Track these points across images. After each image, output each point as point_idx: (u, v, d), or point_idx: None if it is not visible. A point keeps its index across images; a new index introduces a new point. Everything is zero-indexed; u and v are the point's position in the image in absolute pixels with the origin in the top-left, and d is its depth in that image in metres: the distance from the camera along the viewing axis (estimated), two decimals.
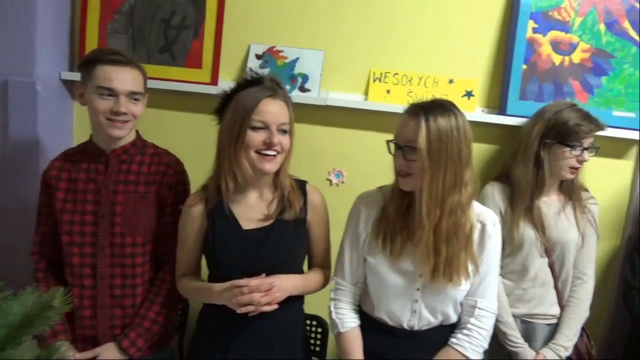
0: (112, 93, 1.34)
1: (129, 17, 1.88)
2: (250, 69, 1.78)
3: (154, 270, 1.46)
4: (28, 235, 1.83)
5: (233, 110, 1.27)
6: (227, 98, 1.31)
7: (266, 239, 1.29)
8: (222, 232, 1.30)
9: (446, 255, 1.22)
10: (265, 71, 1.85)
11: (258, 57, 1.89)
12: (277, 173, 1.32)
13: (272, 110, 1.25)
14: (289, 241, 1.32)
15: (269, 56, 1.88)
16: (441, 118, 1.19)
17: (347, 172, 1.94)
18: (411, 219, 1.26)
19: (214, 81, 1.88)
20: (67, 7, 1.90)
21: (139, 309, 1.42)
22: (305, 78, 1.85)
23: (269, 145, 1.24)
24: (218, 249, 1.30)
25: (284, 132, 1.28)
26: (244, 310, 1.22)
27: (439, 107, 1.22)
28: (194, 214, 1.32)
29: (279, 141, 1.25)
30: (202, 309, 1.41)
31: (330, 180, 1.93)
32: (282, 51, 1.88)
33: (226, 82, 1.89)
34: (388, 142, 1.28)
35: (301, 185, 1.37)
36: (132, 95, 1.37)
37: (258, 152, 1.25)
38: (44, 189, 1.44)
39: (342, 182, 1.94)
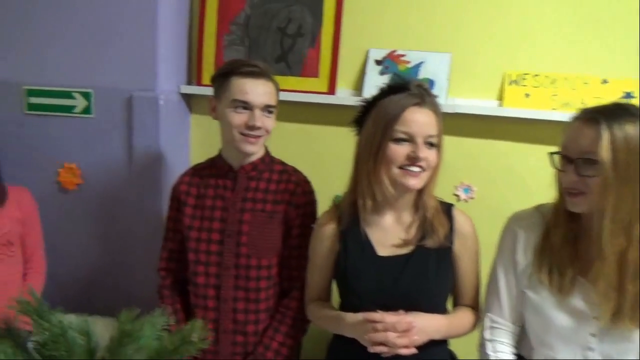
0: (247, 106, 1.27)
1: (244, 28, 1.84)
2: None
3: (278, 296, 1.37)
4: (151, 249, 1.85)
5: (374, 120, 1.14)
6: (368, 107, 1.18)
7: (404, 268, 1.14)
8: (354, 256, 1.17)
9: (634, 294, 0.99)
10: (386, 78, 1.72)
11: (378, 62, 1.76)
12: (420, 192, 1.16)
13: (419, 120, 1.10)
14: (431, 273, 1.15)
15: (390, 61, 1.75)
16: (629, 125, 0.97)
17: (477, 186, 1.74)
18: (584, 247, 1.05)
19: (331, 90, 1.77)
20: (185, 22, 1.90)
21: (261, 337, 1.33)
22: (430, 84, 1.69)
23: (413, 160, 1.09)
24: (350, 276, 1.17)
25: (432, 145, 1.12)
26: (376, 349, 1.08)
27: (623, 111, 1.00)
28: (326, 233, 1.21)
29: (425, 156, 1.10)
30: (332, 340, 1.29)
31: (458, 196, 1.75)
32: (403, 55, 1.74)
33: (344, 91, 1.79)
34: (552, 154, 1.08)
35: (447, 208, 1.21)
36: (267, 109, 1.30)
37: (401, 167, 1.11)
38: (173, 203, 1.41)
39: (472, 198, 1.74)
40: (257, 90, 1.27)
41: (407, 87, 1.14)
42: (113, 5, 1.76)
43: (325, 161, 1.80)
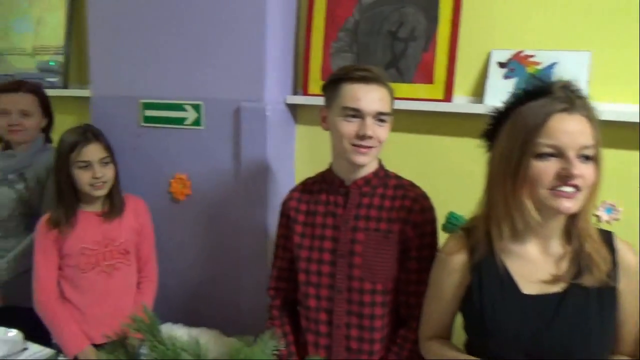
0: (358, 114, 1.17)
1: (353, 34, 1.75)
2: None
3: (394, 325, 1.24)
4: (256, 262, 1.82)
5: (509, 133, 0.97)
6: (500, 117, 1.02)
7: (558, 311, 0.96)
8: (492, 293, 1.01)
9: None
10: (511, 83, 1.53)
11: (501, 65, 1.57)
12: (573, 217, 0.97)
13: (569, 128, 0.91)
14: (592, 319, 0.96)
15: (516, 63, 1.56)
16: None
17: (622, 205, 1.49)
18: None
19: (447, 97, 1.62)
20: (292, 32, 1.86)
21: None
22: None
23: (565, 179, 0.90)
24: (488, 317, 1.00)
25: (587, 158, 0.92)
26: None
27: None
28: (454, 264, 1.06)
29: (581, 173, 0.90)
30: None
31: (599, 217, 1.50)
32: (532, 56, 1.54)
33: (462, 98, 1.63)
34: None
35: (607, 237, 1.00)
36: (379, 117, 1.19)
37: (551, 188, 0.92)
38: (283, 220, 1.35)
39: (615, 220, 1.49)
40: (369, 97, 1.17)
41: (549, 90, 0.95)
42: (221, 18, 1.76)
43: (441, 175, 1.65)
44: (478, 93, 1.61)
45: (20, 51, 2.37)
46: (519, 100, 0.99)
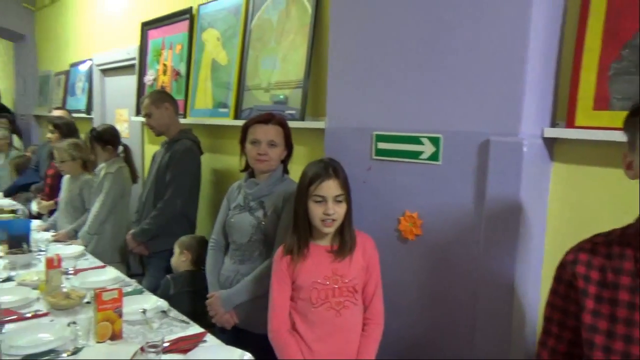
0: None
1: None
2: None
3: None
4: (500, 326, 1.55)
5: None
6: None
7: None
8: None
9: None
10: None
11: None
12: None
13: None
14: None
15: None
16: None
17: None
18: None
19: None
20: (556, 51, 1.57)
21: None
22: None
23: None
24: None
25: None
26: None
27: None
28: None
29: None
30: None
31: None
32: None
33: None
34: None
35: None
36: None
37: None
38: (561, 288, 1.06)
39: None
40: None
41: None
42: (473, 43, 1.58)
43: None
44: None
45: (261, 86, 2.58)
46: None
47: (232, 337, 1.93)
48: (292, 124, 2.19)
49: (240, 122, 2.53)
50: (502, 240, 1.52)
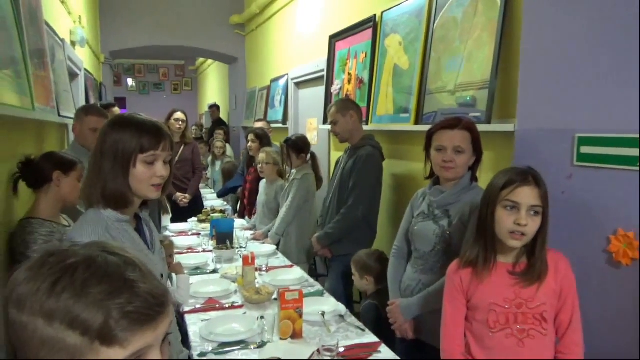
0: None
1: None
2: None
3: None
4: None
5: None
6: None
7: None
8: None
9: None
10: None
11: None
12: None
13: None
14: None
15: None
16: None
17: None
18: None
19: None
20: None
21: None
22: None
23: None
24: None
25: None
26: None
27: None
28: None
29: None
30: None
31: None
32: None
33: None
34: None
35: None
36: None
37: None
38: None
39: None
40: None
41: None
42: None
43: None
44: None
45: (445, 89, 2.45)
46: None
47: (412, 347, 1.87)
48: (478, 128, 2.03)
49: (421, 128, 2.45)
50: None
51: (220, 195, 4.98)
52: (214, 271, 2.64)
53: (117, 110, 3.48)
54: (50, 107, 2.56)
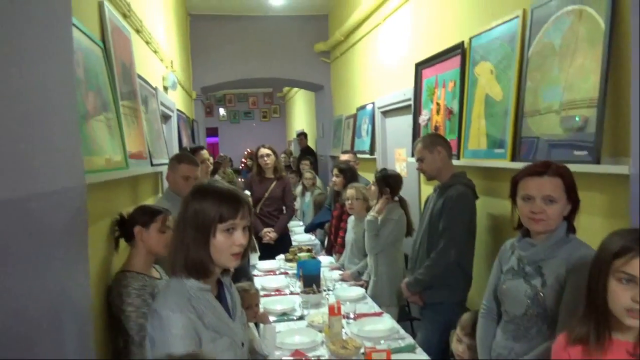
0: None
1: None
2: None
3: None
4: None
5: None
6: None
7: None
8: None
9: None
10: None
11: None
12: None
13: None
14: None
15: None
16: None
17: None
18: None
19: None
20: None
21: None
22: None
23: None
24: None
25: None
26: None
27: None
28: None
29: None
30: None
31: None
32: None
33: None
34: None
35: None
36: None
37: None
38: None
39: None
40: None
41: None
42: None
43: None
44: None
45: (543, 122, 2.22)
46: None
47: None
48: (583, 168, 1.80)
49: (517, 165, 2.23)
50: None
51: (307, 230, 4.98)
52: (301, 317, 2.60)
53: (205, 153, 3.62)
54: (144, 159, 2.70)
